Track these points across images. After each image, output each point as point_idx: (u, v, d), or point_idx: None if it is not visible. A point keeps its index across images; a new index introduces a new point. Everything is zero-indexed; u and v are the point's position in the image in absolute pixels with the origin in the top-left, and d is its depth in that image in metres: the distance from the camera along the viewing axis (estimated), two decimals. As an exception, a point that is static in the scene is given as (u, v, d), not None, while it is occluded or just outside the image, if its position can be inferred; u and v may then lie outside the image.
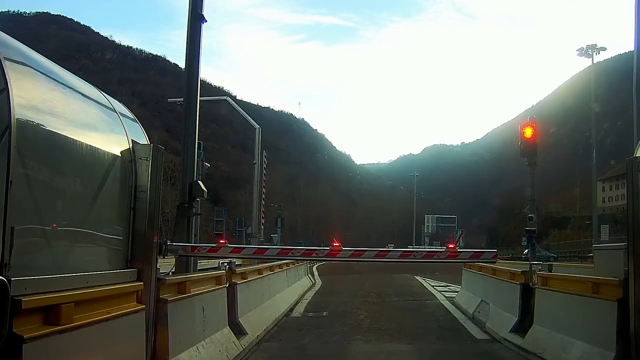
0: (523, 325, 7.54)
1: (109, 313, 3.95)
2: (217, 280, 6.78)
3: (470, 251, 6.97)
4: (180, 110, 15.68)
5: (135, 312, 4.41)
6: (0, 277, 2.89)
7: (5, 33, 3.62)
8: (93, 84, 4.92)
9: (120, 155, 4.62)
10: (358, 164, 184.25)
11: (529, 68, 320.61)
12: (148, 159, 4.83)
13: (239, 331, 7.23)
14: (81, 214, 4.04)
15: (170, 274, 7.32)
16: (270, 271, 11.02)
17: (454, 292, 14.90)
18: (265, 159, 28.13)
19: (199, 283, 6.10)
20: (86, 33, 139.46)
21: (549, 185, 78.26)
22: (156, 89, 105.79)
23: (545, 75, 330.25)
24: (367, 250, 6.22)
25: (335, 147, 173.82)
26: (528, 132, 12.06)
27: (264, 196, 28.39)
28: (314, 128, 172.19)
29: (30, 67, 3.69)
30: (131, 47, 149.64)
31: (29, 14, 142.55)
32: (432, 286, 18.38)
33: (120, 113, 5.00)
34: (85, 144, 4.04)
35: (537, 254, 15.35)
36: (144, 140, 5.13)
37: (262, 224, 28.58)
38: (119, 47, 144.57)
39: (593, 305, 5.52)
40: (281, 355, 7.50)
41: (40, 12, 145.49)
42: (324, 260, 18.46)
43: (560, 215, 79.86)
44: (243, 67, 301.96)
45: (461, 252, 6.61)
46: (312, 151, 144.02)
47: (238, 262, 8.62)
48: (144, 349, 4.57)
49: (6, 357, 2.91)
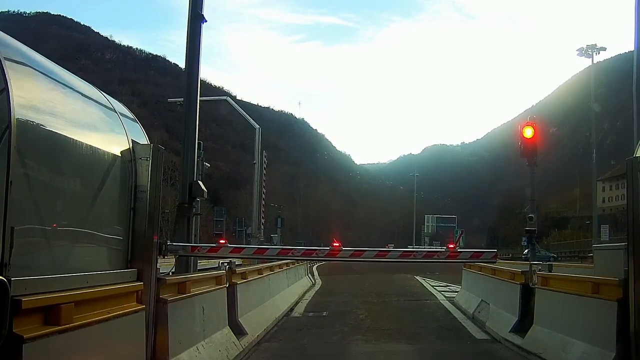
0: (523, 325, 7.54)
1: (109, 313, 3.95)
2: (217, 280, 6.78)
3: (470, 251, 6.94)
4: (180, 110, 15.71)
5: (135, 312, 4.41)
6: (0, 277, 2.89)
7: (5, 33, 3.62)
8: (93, 84, 4.93)
9: (120, 155, 4.63)
10: (358, 164, 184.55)
11: (529, 68, 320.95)
12: (148, 159, 4.84)
13: (239, 331, 7.22)
14: (81, 214, 4.04)
15: (170, 274, 7.33)
16: (270, 271, 11.02)
17: (454, 292, 14.89)
18: (265, 159, 28.14)
19: (199, 283, 6.10)
20: (86, 33, 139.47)
21: (549, 185, 78.22)
22: (156, 89, 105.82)
23: (545, 75, 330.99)
24: (367, 250, 6.20)
25: (335, 147, 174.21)
26: (528, 132, 12.02)
27: (264, 196, 28.39)
28: (314, 128, 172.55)
29: (30, 67, 3.69)
30: (131, 47, 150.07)
31: (29, 14, 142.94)
32: (432, 286, 18.38)
33: (120, 113, 5.01)
34: (85, 144, 4.05)
35: (537, 254, 15.31)
36: (144, 140, 5.13)
37: (262, 224, 28.58)
38: (119, 47, 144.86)
39: (593, 305, 5.52)
40: (281, 355, 7.49)
41: (40, 12, 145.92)
42: (324, 260, 18.45)
43: (560, 215, 79.84)
44: (243, 67, 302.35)
45: (461, 252, 6.60)
46: (312, 151, 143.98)
47: (238, 262, 8.61)
48: (144, 349, 4.57)
49: (6, 357, 2.91)
